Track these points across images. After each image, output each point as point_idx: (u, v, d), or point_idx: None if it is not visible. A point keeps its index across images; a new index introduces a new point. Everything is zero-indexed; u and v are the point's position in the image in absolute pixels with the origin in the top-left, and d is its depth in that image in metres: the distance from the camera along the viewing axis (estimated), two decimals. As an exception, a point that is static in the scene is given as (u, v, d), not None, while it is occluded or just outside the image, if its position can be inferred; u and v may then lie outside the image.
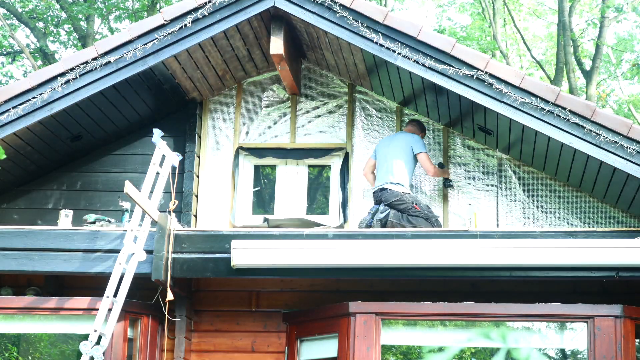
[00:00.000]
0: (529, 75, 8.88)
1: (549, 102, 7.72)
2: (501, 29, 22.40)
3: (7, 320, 8.04)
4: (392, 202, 8.37)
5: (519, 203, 8.79)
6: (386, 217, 8.32)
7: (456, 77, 7.89)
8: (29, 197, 9.08)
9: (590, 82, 19.95)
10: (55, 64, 8.37)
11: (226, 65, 8.92)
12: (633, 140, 7.58)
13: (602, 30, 19.95)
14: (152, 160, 7.97)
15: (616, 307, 7.52)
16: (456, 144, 8.99)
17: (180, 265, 7.78)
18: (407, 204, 8.34)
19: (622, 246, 7.41)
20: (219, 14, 8.23)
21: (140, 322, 7.97)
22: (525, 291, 8.05)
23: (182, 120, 9.12)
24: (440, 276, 7.79)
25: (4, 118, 8.17)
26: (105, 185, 9.07)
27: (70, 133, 8.69)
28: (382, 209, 8.41)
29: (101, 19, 20.71)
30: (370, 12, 8.04)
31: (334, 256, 7.58)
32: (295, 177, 9.14)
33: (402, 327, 7.85)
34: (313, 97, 9.22)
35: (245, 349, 8.27)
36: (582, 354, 7.70)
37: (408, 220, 8.27)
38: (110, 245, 7.86)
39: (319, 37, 8.60)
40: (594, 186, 8.43)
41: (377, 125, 9.08)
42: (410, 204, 8.35)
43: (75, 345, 8.07)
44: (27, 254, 7.91)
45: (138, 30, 8.26)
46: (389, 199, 8.38)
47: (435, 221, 8.35)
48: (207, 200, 9.01)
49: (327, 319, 7.85)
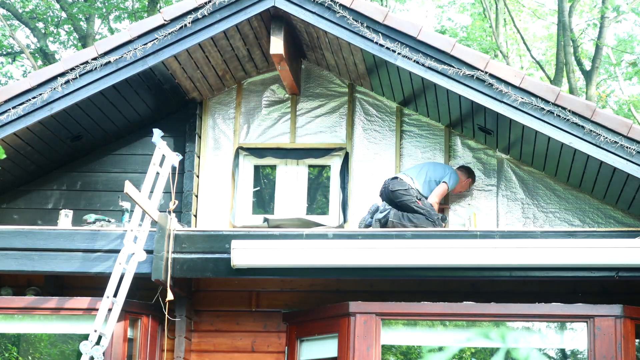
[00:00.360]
0: (529, 75, 8.87)
1: (549, 102, 7.72)
2: (501, 29, 22.39)
3: (7, 320, 8.04)
4: (397, 191, 8.31)
5: (519, 203, 8.79)
6: (386, 217, 8.31)
7: (456, 77, 7.89)
8: (29, 197, 9.07)
9: (590, 83, 19.95)
10: (55, 64, 8.37)
11: (226, 65, 8.92)
12: (633, 140, 7.58)
13: (602, 30, 19.95)
14: (152, 160, 7.97)
15: (616, 307, 7.52)
16: (456, 144, 8.99)
17: (180, 265, 7.79)
18: (411, 197, 8.31)
19: (622, 246, 7.41)
20: (219, 14, 8.23)
21: (140, 322, 7.97)
22: (525, 291, 8.05)
23: (182, 120, 9.12)
24: (440, 276, 7.79)
25: (4, 118, 8.17)
26: (105, 185, 9.07)
27: (70, 133, 8.69)
28: (382, 208, 8.40)
29: (101, 19, 20.71)
30: (370, 12, 8.04)
31: (334, 256, 7.58)
32: (295, 177, 9.14)
33: (402, 327, 7.85)
34: (313, 97, 9.22)
35: (245, 349, 8.27)
36: (582, 354, 7.70)
37: (409, 219, 8.25)
38: (110, 245, 7.86)
39: (319, 37, 8.60)
40: (594, 186, 8.43)
41: (377, 125, 9.09)
42: (413, 197, 8.31)
43: (75, 345, 8.07)
44: (27, 254, 7.91)
45: (138, 30, 8.26)
46: (395, 187, 8.34)
47: (437, 219, 8.32)
48: (207, 200, 9.01)
49: (327, 319, 7.85)
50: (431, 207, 8.39)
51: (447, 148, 8.96)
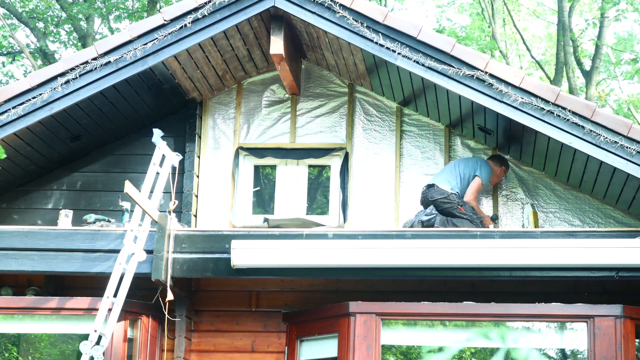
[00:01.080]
0: (528, 75, 8.88)
1: (549, 102, 7.72)
2: (500, 29, 22.39)
3: (7, 320, 8.04)
4: (437, 200, 8.31)
5: (519, 203, 8.79)
6: (430, 220, 8.27)
7: (456, 77, 7.89)
8: (29, 197, 9.08)
9: (590, 82, 19.95)
10: (55, 64, 8.36)
11: (226, 65, 8.92)
12: (633, 140, 7.58)
13: (602, 30, 19.96)
14: (152, 160, 7.97)
15: (616, 307, 7.52)
16: (456, 144, 8.99)
17: (180, 265, 7.79)
18: (452, 204, 8.29)
19: (622, 246, 7.41)
20: (219, 14, 8.22)
21: (140, 322, 7.98)
22: (525, 291, 8.06)
23: (182, 120, 9.12)
24: (440, 276, 7.79)
25: (4, 118, 8.17)
26: (105, 185, 9.07)
27: (70, 133, 8.69)
28: (428, 211, 8.37)
29: (101, 19, 20.71)
30: (370, 12, 8.04)
31: (334, 256, 7.58)
32: (295, 177, 9.14)
33: (402, 327, 7.85)
34: (313, 97, 9.22)
35: (245, 349, 8.27)
36: (582, 354, 7.70)
37: (453, 224, 8.22)
38: (110, 245, 7.86)
39: (319, 37, 8.60)
40: (594, 186, 8.43)
41: (377, 125, 9.09)
42: (455, 204, 8.29)
43: (75, 345, 8.07)
44: (27, 254, 7.91)
45: (138, 30, 8.26)
46: (435, 196, 8.33)
47: (480, 223, 8.31)
48: (207, 200, 9.01)
49: (327, 319, 7.86)
50: (473, 211, 8.36)
51: (447, 148, 8.96)
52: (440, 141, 9.00)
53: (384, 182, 8.93)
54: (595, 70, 20.14)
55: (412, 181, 8.90)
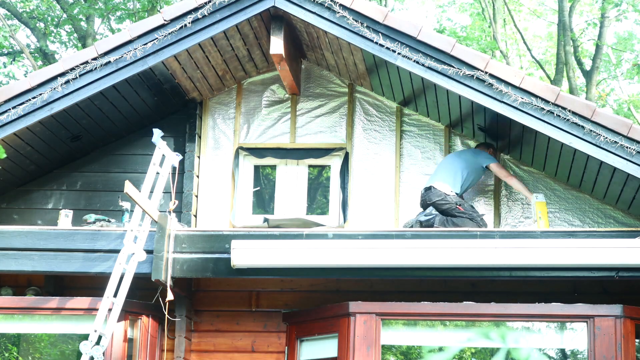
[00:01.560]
0: (528, 75, 8.89)
1: (549, 102, 7.72)
2: (501, 29, 22.39)
3: (7, 320, 8.04)
4: (436, 202, 8.33)
5: (519, 203, 8.79)
6: (429, 220, 8.30)
7: (456, 77, 7.89)
8: (29, 197, 9.08)
9: (590, 82, 19.95)
10: (55, 64, 8.36)
11: (226, 65, 8.92)
12: (633, 140, 7.57)
13: (602, 30, 19.96)
14: (152, 160, 7.97)
15: (616, 307, 7.52)
16: (456, 144, 8.99)
17: (180, 265, 7.79)
18: (451, 205, 8.31)
19: (622, 246, 7.41)
20: (219, 14, 8.22)
21: (140, 322, 7.98)
22: (525, 291, 8.06)
23: (182, 120, 9.12)
24: (440, 276, 7.79)
25: (4, 118, 8.17)
26: (105, 185, 9.07)
27: (70, 133, 8.69)
28: (428, 212, 8.40)
29: (101, 19, 20.71)
30: (370, 12, 8.04)
31: (334, 256, 7.58)
32: (295, 177, 9.14)
33: (402, 327, 7.85)
34: (313, 97, 9.22)
35: (245, 349, 8.27)
36: (582, 354, 7.70)
37: (453, 223, 8.24)
38: (110, 245, 7.86)
39: (319, 37, 8.60)
40: (594, 186, 8.43)
41: (377, 125, 9.09)
42: (453, 204, 8.30)
43: (75, 345, 8.07)
44: (27, 254, 7.91)
45: (138, 30, 8.26)
46: (432, 199, 8.35)
47: (480, 220, 8.32)
48: (207, 200, 9.01)
49: (327, 319, 7.85)
50: (472, 209, 8.38)
51: (447, 148, 8.96)
52: (440, 141, 9.00)
53: (384, 182, 8.93)
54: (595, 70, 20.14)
55: (412, 181, 8.90)
